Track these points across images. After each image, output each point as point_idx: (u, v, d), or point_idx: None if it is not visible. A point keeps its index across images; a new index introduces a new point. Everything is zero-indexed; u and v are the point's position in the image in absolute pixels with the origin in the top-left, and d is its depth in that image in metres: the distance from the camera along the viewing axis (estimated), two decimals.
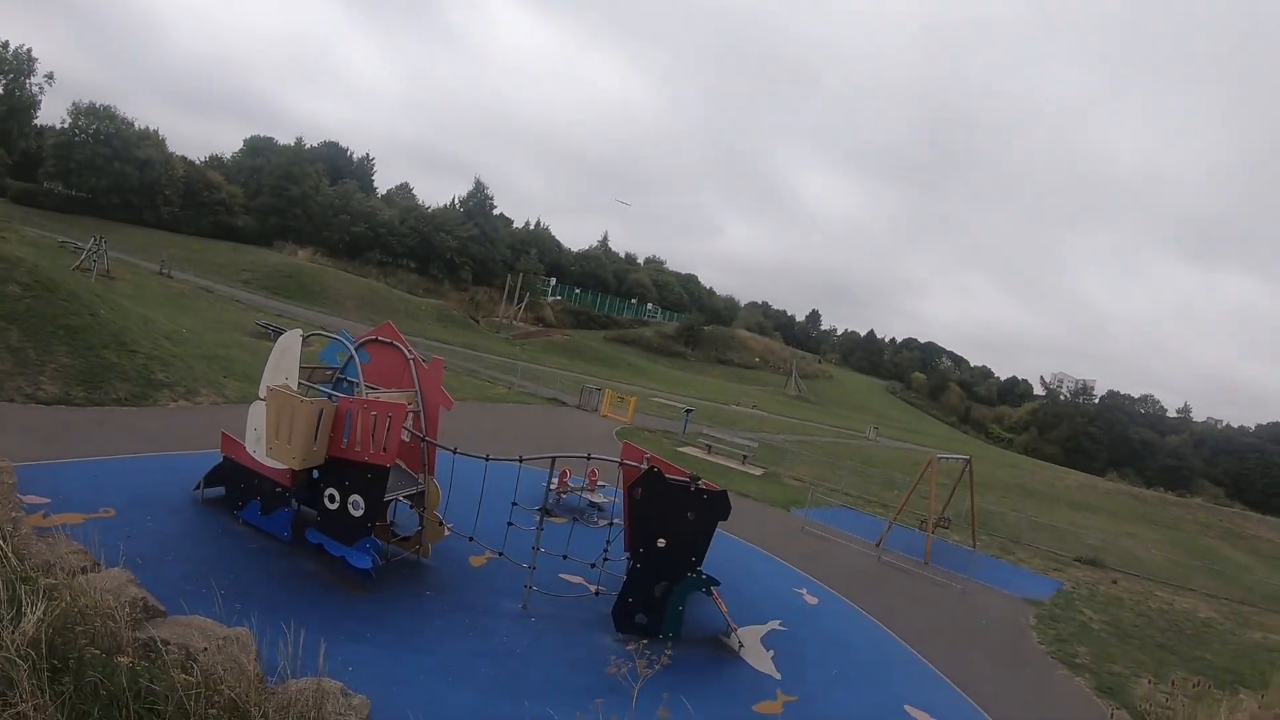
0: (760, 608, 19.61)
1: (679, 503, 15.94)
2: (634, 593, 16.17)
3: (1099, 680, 20.84)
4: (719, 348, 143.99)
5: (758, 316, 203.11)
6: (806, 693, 15.53)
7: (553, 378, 60.00)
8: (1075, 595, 30.71)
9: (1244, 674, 24.21)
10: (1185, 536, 70.72)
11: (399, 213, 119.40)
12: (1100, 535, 50.77)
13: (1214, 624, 31.88)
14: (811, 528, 30.78)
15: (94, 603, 8.28)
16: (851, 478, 47.31)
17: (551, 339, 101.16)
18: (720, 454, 44.04)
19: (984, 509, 42.29)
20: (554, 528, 18.66)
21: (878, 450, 72.87)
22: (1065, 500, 72.69)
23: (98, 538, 12.16)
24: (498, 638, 14.59)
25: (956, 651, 20.60)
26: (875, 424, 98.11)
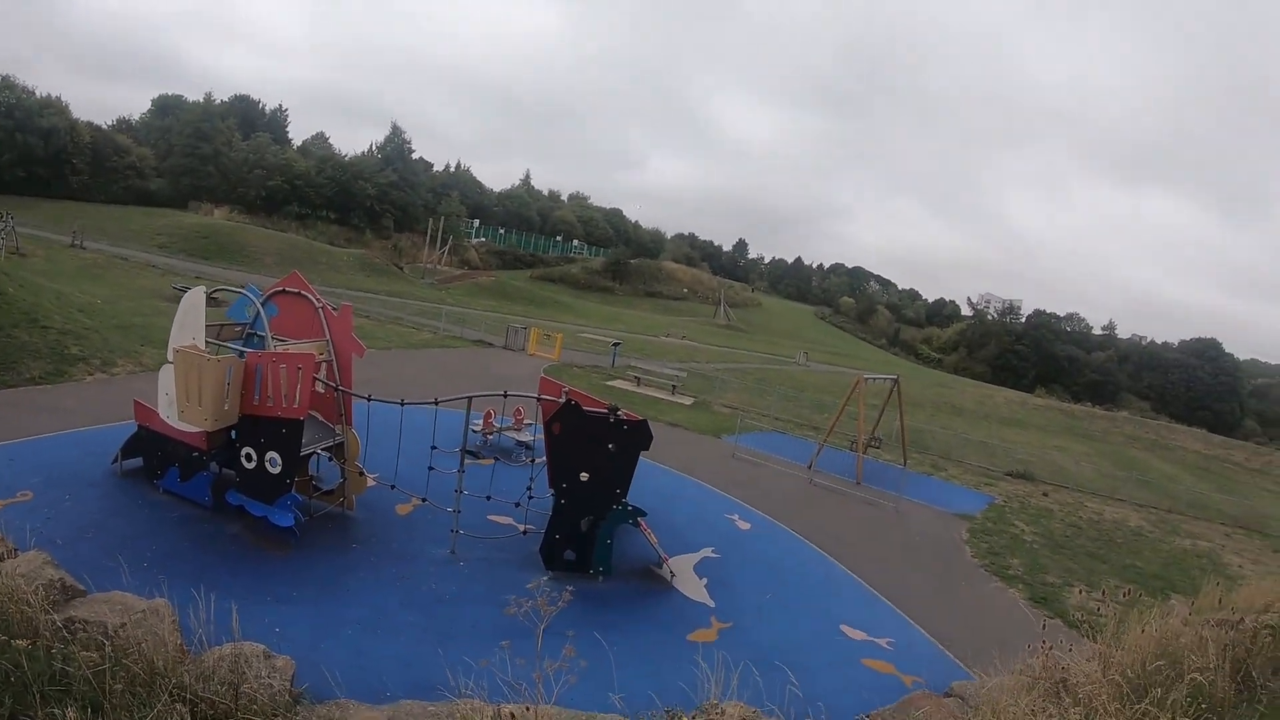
0: (692, 536, 19.68)
1: (599, 435, 15.82)
2: (560, 529, 16.08)
3: (1032, 591, 21.28)
4: (646, 281, 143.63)
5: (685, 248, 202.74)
6: (741, 618, 15.64)
7: (479, 320, 59.31)
8: (1007, 509, 31.34)
9: (1174, 580, 24.91)
10: (1113, 449, 72.66)
11: (316, 163, 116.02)
12: (1030, 450, 51.89)
13: (1143, 533, 32.75)
14: (742, 453, 30.92)
15: (7, 589, 7.91)
16: (782, 403, 47.68)
17: (477, 281, 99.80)
18: (650, 385, 44.02)
19: (914, 428, 42.86)
20: (478, 469, 18.51)
21: (808, 375, 73.59)
22: (995, 417, 74.14)
23: (16, 522, 11.84)
24: (426, 585, 14.45)
25: (891, 569, 20.89)
26: (805, 349, 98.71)
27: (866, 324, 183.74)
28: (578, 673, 7.44)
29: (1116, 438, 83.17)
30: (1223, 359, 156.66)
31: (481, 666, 8.11)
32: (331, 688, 8.80)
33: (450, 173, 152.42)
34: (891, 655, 15.44)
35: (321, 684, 8.97)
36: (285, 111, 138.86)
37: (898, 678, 14.41)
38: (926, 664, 15.09)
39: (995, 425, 66.92)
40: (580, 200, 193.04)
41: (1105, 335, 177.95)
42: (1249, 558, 32.61)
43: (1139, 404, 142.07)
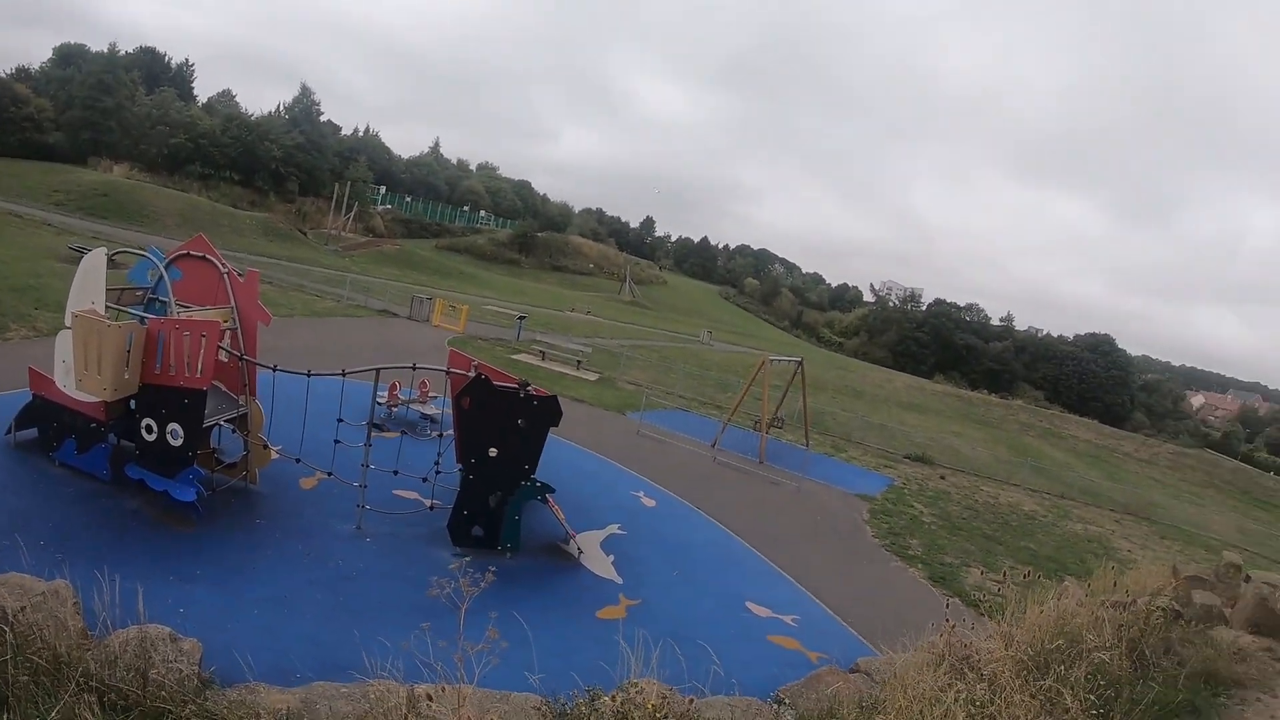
0: (598, 512, 19.69)
1: (508, 410, 15.66)
2: (468, 505, 15.93)
3: (931, 570, 21.77)
4: (553, 255, 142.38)
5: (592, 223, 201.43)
6: (649, 595, 15.70)
7: (383, 289, 58.22)
8: (906, 490, 32.01)
9: (1067, 563, 25.72)
10: (1008, 435, 74.66)
11: (221, 122, 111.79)
12: (928, 434, 52.94)
13: (1037, 516, 33.73)
14: (647, 431, 30.97)
15: None
16: (686, 381, 47.87)
17: (382, 249, 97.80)
18: (555, 360, 43.79)
19: (816, 409, 43.40)
20: (385, 443, 18.08)
21: (712, 354, 74.01)
22: (894, 401, 75.48)
23: None
24: (333, 562, 14.15)
25: (794, 547, 21.15)
26: (709, 328, 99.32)
27: (770, 305, 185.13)
28: (498, 655, 7.34)
29: (1012, 425, 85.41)
30: (1115, 354, 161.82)
31: (403, 648, 7.98)
32: (241, 670, 8.55)
33: (359, 137, 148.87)
34: (796, 632, 15.67)
35: (230, 666, 8.69)
36: (192, 66, 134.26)
37: (803, 654, 14.61)
38: (831, 640, 15.33)
39: (895, 409, 68.11)
40: (489, 171, 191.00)
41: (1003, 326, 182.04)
42: (1138, 543, 33.83)
43: (1034, 393, 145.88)
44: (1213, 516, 56.16)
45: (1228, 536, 46.64)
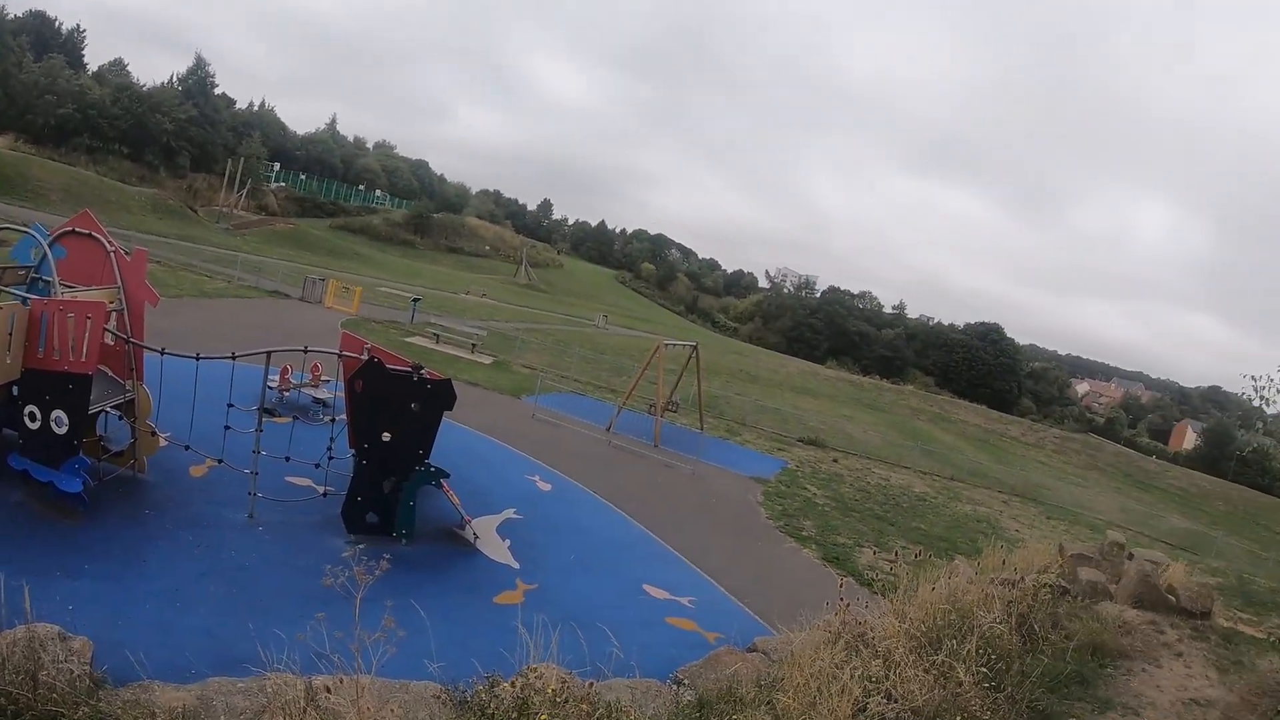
0: (494, 497, 19.45)
1: (402, 393, 15.36)
2: (362, 491, 15.58)
3: (825, 551, 22.08)
4: (449, 236, 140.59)
5: (489, 205, 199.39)
6: (546, 579, 15.59)
7: (275, 269, 56.57)
8: (799, 473, 32.40)
9: (957, 543, 26.32)
10: (899, 419, 76.18)
11: (111, 92, 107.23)
12: (821, 418, 53.83)
13: (928, 498, 34.49)
14: (542, 414, 30.80)
15: None
16: (581, 364, 47.79)
17: (274, 229, 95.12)
18: (449, 343, 43.26)
19: (710, 393, 43.74)
20: (276, 428, 17.64)
21: (607, 338, 74.07)
22: (788, 385, 76.51)
23: None
24: (225, 552, 13.65)
25: (689, 530, 21.26)
26: (604, 312, 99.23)
27: (666, 290, 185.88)
28: (395, 643, 7.19)
29: (903, 409, 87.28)
30: (1004, 342, 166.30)
31: (299, 640, 7.78)
32: (134, 668, 8.23)
33: (253, 111, 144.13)
34: (694, 613, 15.73)
35: (123, 665, 8.37)
36: (83, 33, 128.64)
37: (701, 635, 14.68)
38: (728, 621, 15.39)
39: (788, 394, 68.99)
40: (386, 149, 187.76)
41: (895, 314, 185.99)
42: (1025, 523, 34.85)
43: (924, 379, 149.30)
44: (1097, 497, 58.30)
45: (1111, 516, 48.41)
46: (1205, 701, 11.57)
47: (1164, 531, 50.16)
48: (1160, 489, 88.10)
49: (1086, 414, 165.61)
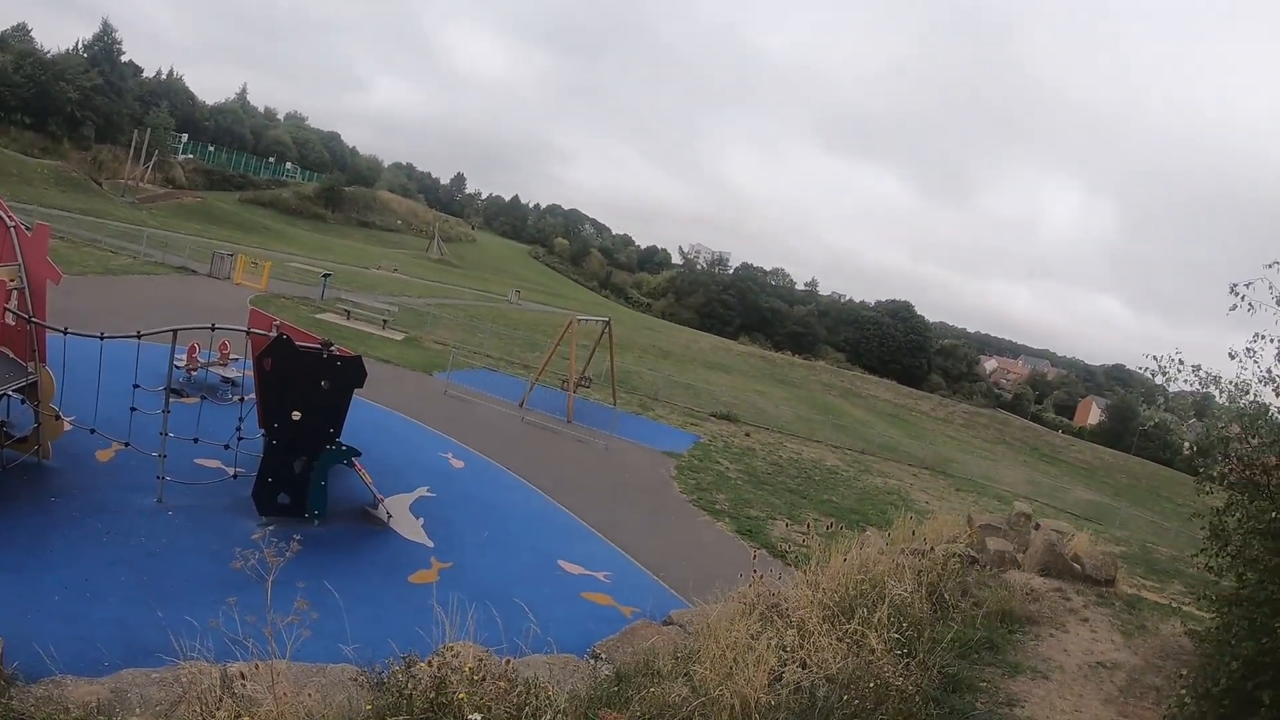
0: (406, 475, 19.28)
1: (312, 371, 15.07)
2: (273, 471, 15.29)
3: (739, 524, 22.29)
4: (360, 210, 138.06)
5: (402, 178, 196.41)
6: (461, 557, 15.53)
7: (183, 244, 54.82)
8: (712, 447, 32.65)
9: (868, 514, 26.77)
10: (810, 395, 77.14)
11: (14, 59, 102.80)
12: (733, 393, 54.25)
13: (839, 471, 35.00)
14: (454, 391, 30.56)
15: None
16: (493, 340, 47.51)
17: (182, 202, 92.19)
18: (360, 319, 42.61)
19: (623, 369, 43.74)
20: (184, 409, 17.14)
21: (520, 313, 73.69)
22: (700, 361, 76.96)
23: None
24: (135, 539, 13.23)
25: (603, 504, 21.30)
26: (517, 288, 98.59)
27: (579, 266, 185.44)
28: (309, 626, 7.06)
29: (814, 385, 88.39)
30: (914, 319, 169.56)
31: (211, 626, 7.59)
32: (45, 663, 7.98)
33: (161, 80, 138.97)
34: (609, 588, 15.81)
35: (33, 661, 8.11)
36: None
37: (617, 609, 14.74)
38: (643, 595, 15.47)
39: (701, 369, 69.41)
40: (297, 120, 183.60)
41: (808, 291, 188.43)
42: (934, 495, 35.55)
43: (836, 355, 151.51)
44: (1004, 470, 59.65)
45: (1018, 488, 49.55)
46: (1111, 664, 11.94)
47: (1069, 503, 51.57)
48: (1066, 462, 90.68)
49: (994, 390, 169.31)
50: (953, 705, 9.83)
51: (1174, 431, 13.99)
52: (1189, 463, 14.87)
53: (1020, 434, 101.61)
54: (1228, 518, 9.86)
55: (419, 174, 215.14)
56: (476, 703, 7.15)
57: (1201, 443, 10.36)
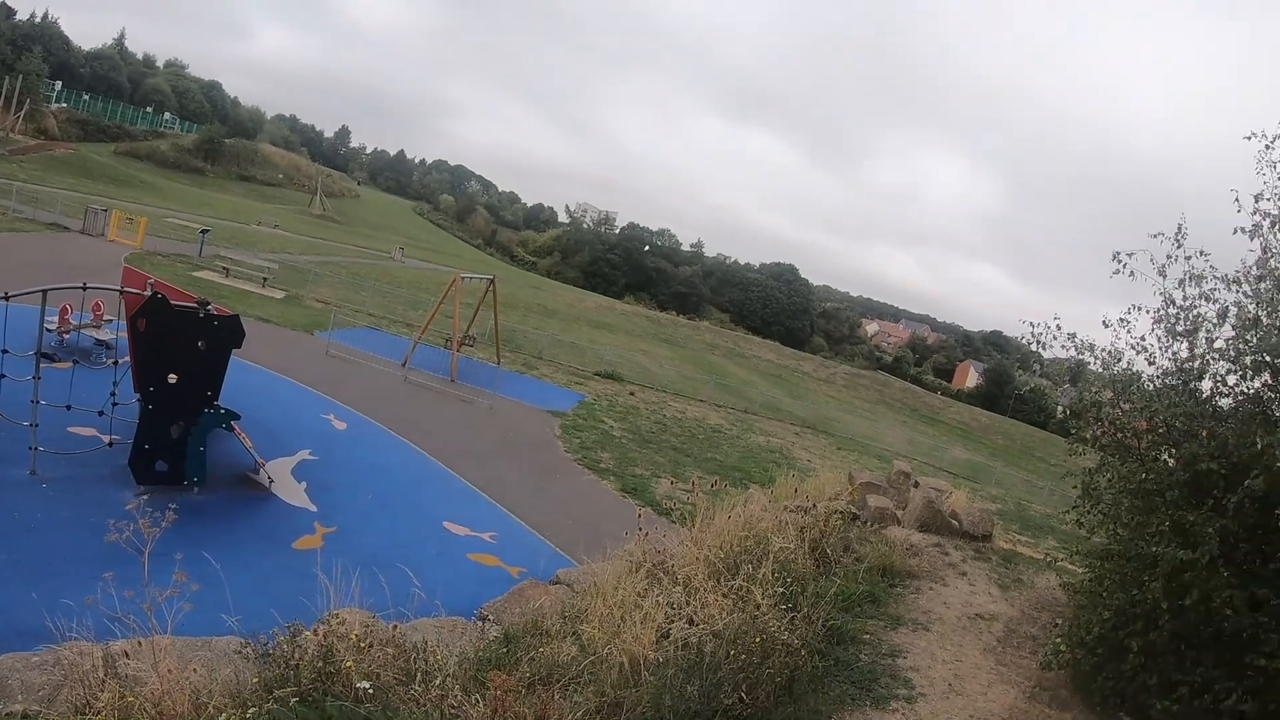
0: (288, 438, 18.87)
1: (188, 332, 14.59)
2: (149, 438, 14.75)
3: (623, 482, 22.46)
4: (241, 164, 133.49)
5: (284, 131, 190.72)
6: (345, 521, 15.31)
7: (55, 199, 52.29)
8: (596, 406, 32.76)
9: (751, 472, 27.12)
10: (694, 354, 77.81)
11: None
12: (618, 352, 54.34)
13: (722, 430, 35.41)
14: (336, 350, 29.98)
15: None
16: (376, 298, 46.69)
17: (54, 154, 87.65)
18: (239, 277, 41.43)
19: (508, 327, 43.53)
20: (56, 374, 16.45)
21: (403, 271, 72.61)
22: (585, 320, 76.94)
23: None
24: (7, 514, 12.64)
25: (488, 465, 21.22)
26: (401, 245, 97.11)
27: (465, 223, 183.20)
28: (190, 598, 6.86)
29: (698, 345, 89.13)
30: (798, 282, 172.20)
31: (87, 605, 7.31)
32: None
33: (34, 23, 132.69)
34: (495, 548, 15.81)
35: None
36: None
37: (504, 570, 14.78)
38: (530, 555, 15.57)
39: (586, 328, 69.43)
40: (177, 69, 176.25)
41: (693, 252, 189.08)
42: (816, 453, 36.24)
43: (720, 316, 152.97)
44: (884, 430, 61.13)
45: (897, 447, 50.84)
46: (989, 616, 12.35)
47: (947, 462, 53.04)
48: (944, 423, 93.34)
49: (875, 352, 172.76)
50: (837, 657, 10.10)
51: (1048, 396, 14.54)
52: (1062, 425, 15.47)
53: (900, 395, 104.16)
54: (1099, 478, 10.34)
55: (302, 126, 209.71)
56: (365, 670, 7.09)
57: (1075, 407, 10.75)
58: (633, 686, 8.12)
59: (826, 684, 9.40)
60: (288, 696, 6.73)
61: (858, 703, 9.34)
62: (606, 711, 7.77)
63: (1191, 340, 9.54)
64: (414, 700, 6.92)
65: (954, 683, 10.21)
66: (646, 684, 8.07)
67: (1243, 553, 8.34)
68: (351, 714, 6.48)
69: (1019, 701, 9.98)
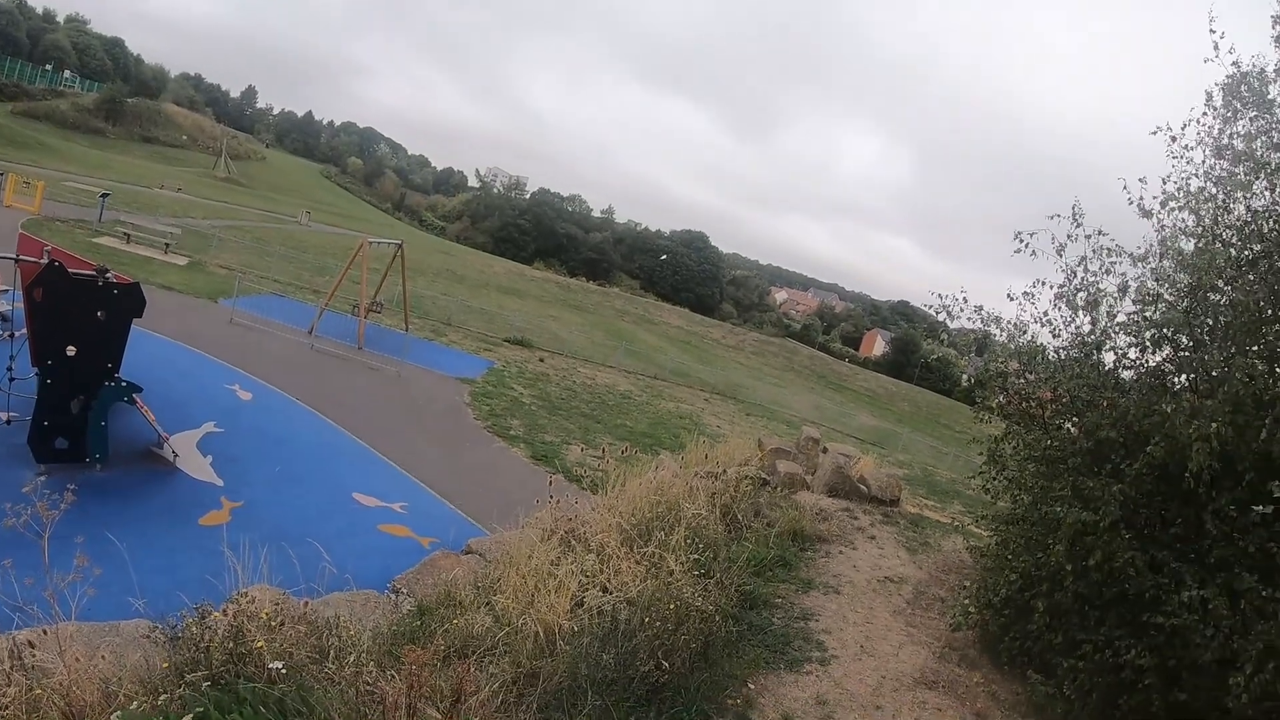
0: (192, 410, 18.36)
1: (86, 301, 14.09)
2: (48, 414, 14.22)
3: (534, 450, 22.43)
4: (144, 124, 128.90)
5: (189, 90, 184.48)
6: (252, 495, 14.99)
7: None
8: (506, 373, 32.61)
9: (661, 439, 27.30)
10: (604, 320, 77.81)
11: None
12: (527, 318, 54.03)
13: (632, 396, 35.54)
14: (240, 318, 29.29)
15: None
16: (282, 264, 45.69)
17: None
18: (141, 243, 40.13)
19: (416, 293, 43.01)
20: None
21: (310, 235, 71.16)
22: (495, 286, 76.32)
23: None
24: None
25: (396, 434, 21.00)
26: (308, 209, 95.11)
27: (373, 187, 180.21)
28: (94, 582, 6.64)
29: (608, 311, 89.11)
30: (708, 250, 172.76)
31: None
32: None
33: None
34: (406, 519, 15.66)
35: None
36: None
37: (415, 540, 14.63)
38: (441, 525, 15.40)
39: (495, 294, 68.90)
40: (78, 24, 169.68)
41: (604, 218, 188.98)
42: (725, 419, 36.56)
43: (630, 282, 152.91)
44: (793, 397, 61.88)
45: (806, 414, 51.56)
46: (898, 578, 12.61)
47: (855, 428, 54.01)
48: (851, 390, 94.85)
49: (784, 320, 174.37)
50: (751, 621, 10.23)
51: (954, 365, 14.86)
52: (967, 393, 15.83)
53: (808, 362, 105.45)
54: (1004, 445, 10.68)
55: (208, 86, 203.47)
56: (277, 650, 6.95)
57: (981, 376, 11.03)
58: (548, 656, 8.13)
59: (741, 648, 9.52)
60: (199, 680, 6.56)
61: (772, 666, 9.48)
62: (523, 682, 7.76)
63: (1093, 314, 9.85)
64: (328, 679, 6.80)
65: (865, 644, 10.41)
66: (562, 653, 8.08)
67: (1143, 517, 8.69)
68: (265, 696, 6.34)
69: (929, 662, 10.22)
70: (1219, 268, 8.79)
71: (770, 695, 8.92)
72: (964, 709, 9.39)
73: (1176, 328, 9.04)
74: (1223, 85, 9.59)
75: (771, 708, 8.68)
